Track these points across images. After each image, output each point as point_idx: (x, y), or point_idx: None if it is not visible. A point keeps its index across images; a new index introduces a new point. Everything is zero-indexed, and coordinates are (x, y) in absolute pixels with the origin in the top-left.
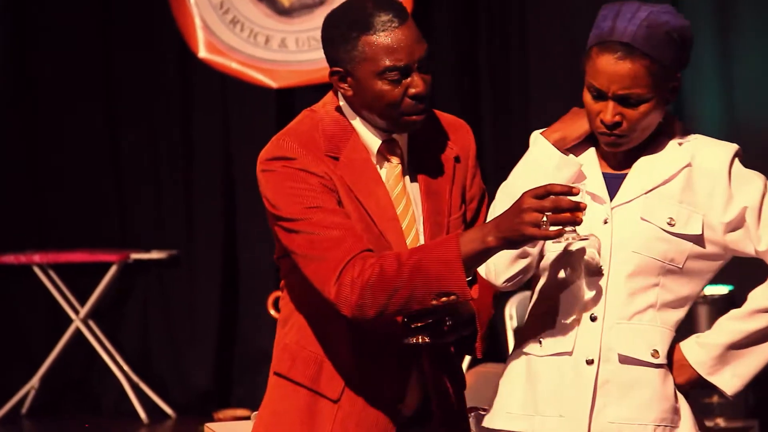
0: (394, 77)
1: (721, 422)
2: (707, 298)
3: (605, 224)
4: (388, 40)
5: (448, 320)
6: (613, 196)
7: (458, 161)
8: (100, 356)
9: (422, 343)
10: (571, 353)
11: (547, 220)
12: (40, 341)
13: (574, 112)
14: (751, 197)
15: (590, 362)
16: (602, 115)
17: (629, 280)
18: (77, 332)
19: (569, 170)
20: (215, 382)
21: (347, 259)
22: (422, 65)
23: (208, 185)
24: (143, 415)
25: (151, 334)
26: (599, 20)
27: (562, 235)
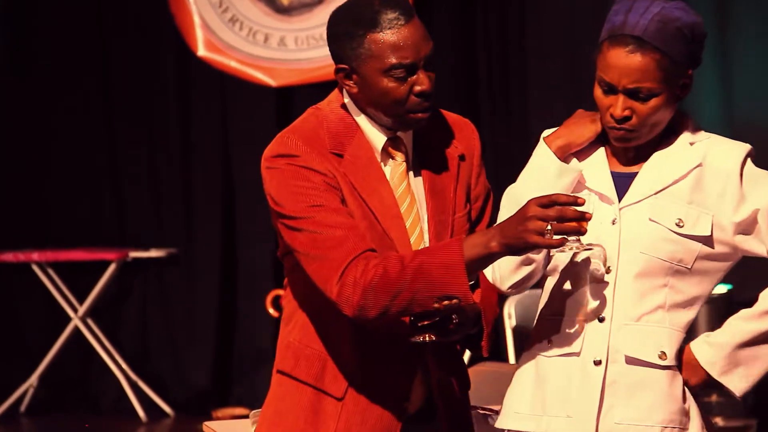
0: (400, 75)
1: (719, 421)
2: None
3: (613, 224)
4: (394, 37)
5: (454, 318)
6: (621, 195)
7: (463, 160)
8: (98, 355)
9: (429, 341)
10: (579, 354)
11: (551, 229)
12: (38, 339)
13: (579, 115)
14: (764, 199)
15: (598, 363)
16: (612, 109)
17: (637, 281)
18: (76, 330)
19: (569, 177)
20: (214, 380)
21: (350, 258)
22: (428, 63)
23: (207, 184)
24: (142, 413)
25: (149, 332)
26: (611, 15)
27: (565, 244)
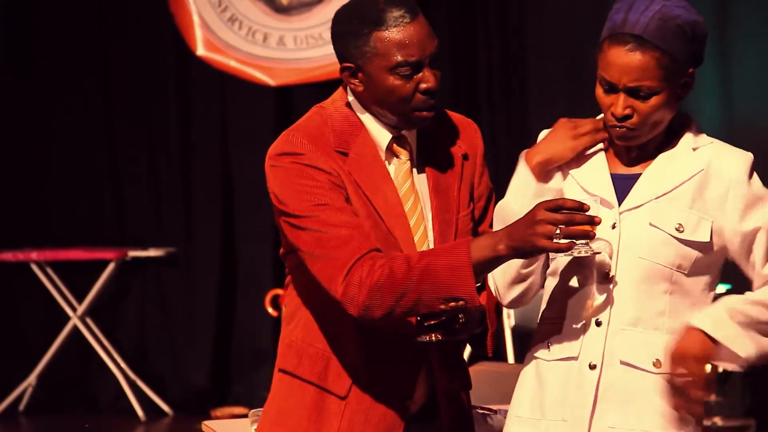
0: (405, 72)
1: (718, 421)
2: None
3: (613, 229)
4: (400, 35)
5: (461, 318)
6: (622, 198)
7: (466, 159)
8: (97, 354)
9: (435, 340)
10: (576, 358)
11: (560, 233)
12: (37, 339)
13: (561, 124)
14: (764, 219)
15: (593, 367)
16: (613, 108)
17: (636, 286)
18: (75, 330)
19: (548, 197)
20: (213, 380)
21: (355, 258)
22: (433, 61)
23: (206, 183)
24: (141, 412)
25: (148, 331)
26: (612, 13)
27: (573, 248)
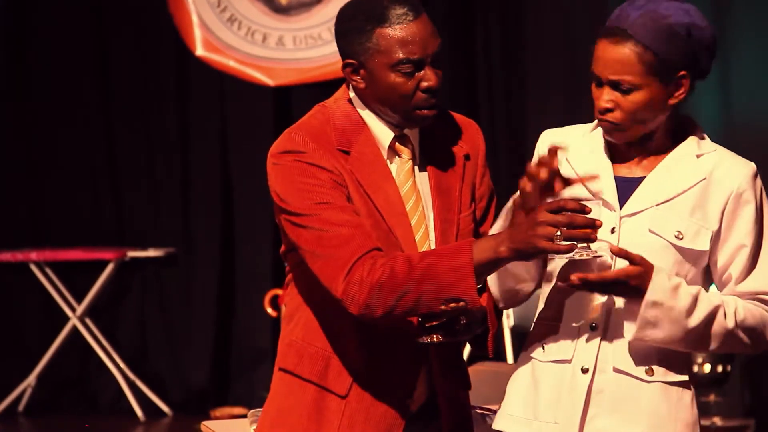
0: (407, 70)
1: (717, 421)
2: None
3: (612, 233)
4: (402, 33)
5: (462, 319)
6: (624, 201)
7: (468, 159)
8: (96, 354)
9: (436, 341)
10: (570, 361)
11: (560, 234)
12: (36, 339)
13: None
14: (752, 237)
15: (585, 371)
16: (597, 101)
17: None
18: (74, 330)
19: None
20: (212, 380)
21: (356, 257)
22: (435, 60)
23: (205, 183)
24: (140, 413)
25: (148, 332)
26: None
27: (574, 250)
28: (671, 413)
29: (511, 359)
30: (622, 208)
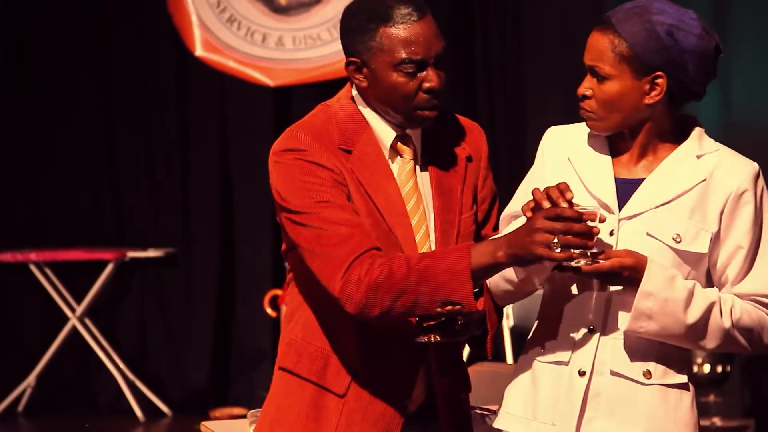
0: (409, 70)
1: (717, 421)
2: None
3: (611, 236)
4: (406, 32)
5: (459, 320)
6: (623, 202)
7: (470, 161)
8: (96, 354)
9: (434, 341)
10: (567, 363)
11: (557, 241)
12: (36, 339)
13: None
14: (751, 238)
15: (582, 374)
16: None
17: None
18: (74, 330)
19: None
20: (212, 380)
21: (354, 256)
22: (438, 61)
23: (205, 184)
24: (140, 413)
25: (147, 332)
26: None
27: (572, 258)
28: (670, 415)
29: (510, 360)
30: (621, 210)
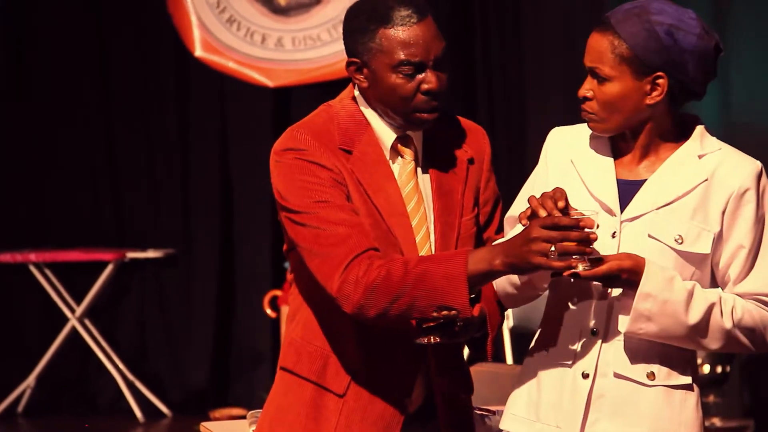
0: (407, 71)
1: (717, 422)
2: None
3: (613, 238)
4: (405, 34)
5: (459, 321)
6: (625, 204)
7: (472, 163)
8: (96, 355)
9: (433, 343)
10: (570, 365)
11: (555, 250)
12: (36, 340)
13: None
14: (753, 238)
15: (585, 376)
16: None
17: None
18: (73, 331)
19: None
20: (211, 381)
21: (352, 256)
22: (438, 63)
23: (204, 184)
24: (139, 413)
25: (147, 333)
26: None
27: (570, 267)
28: (674, 417)
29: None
30: (623, 212)
